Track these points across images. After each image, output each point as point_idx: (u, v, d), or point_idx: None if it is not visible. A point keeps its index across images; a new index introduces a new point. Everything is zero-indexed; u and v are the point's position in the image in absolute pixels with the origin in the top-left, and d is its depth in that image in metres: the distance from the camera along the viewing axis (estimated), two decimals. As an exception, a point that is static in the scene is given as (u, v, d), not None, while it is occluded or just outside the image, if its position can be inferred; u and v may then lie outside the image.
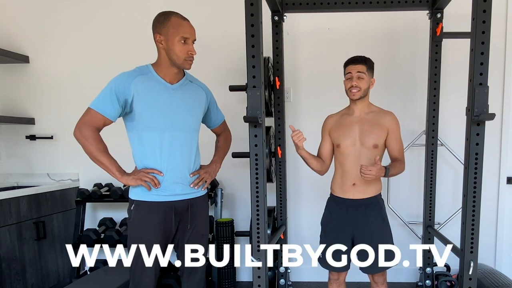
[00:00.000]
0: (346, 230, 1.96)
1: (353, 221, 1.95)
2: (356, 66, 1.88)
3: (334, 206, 2.02)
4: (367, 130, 1.91)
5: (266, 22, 2.06)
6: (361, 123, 1.93)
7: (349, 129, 1.94)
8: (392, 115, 1.96)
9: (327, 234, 2.03)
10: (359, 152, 1.91)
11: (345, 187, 1.96)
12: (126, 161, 1.78)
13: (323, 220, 2.08)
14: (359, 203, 1.94)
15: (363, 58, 1.91)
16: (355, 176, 1.91)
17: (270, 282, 2.74)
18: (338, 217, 1.99)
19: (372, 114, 1.95)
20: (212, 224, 2.84)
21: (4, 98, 3.09)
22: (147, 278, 1.74)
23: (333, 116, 2.06)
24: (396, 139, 1.94)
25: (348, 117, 1.97)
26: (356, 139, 1.92)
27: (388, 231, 1.99)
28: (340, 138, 1.95)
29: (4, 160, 3.16)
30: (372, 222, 1.94)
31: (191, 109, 1.79)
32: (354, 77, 1.87)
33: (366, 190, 1.94)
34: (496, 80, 2.76)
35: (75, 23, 2.99)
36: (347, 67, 1.92)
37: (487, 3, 1.65)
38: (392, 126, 1.92)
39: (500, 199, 2.91)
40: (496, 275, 2.50)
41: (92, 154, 1.64)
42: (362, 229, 1.94)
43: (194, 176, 1.82)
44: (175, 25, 1.64)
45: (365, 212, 1.94)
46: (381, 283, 2.02)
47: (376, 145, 1.90)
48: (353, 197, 1.94)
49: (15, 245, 2.55)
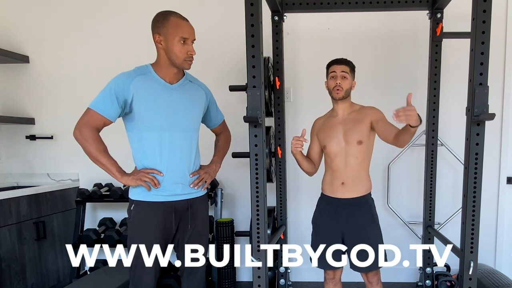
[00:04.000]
0: (336, 229, 1.98)
1: (343, 220, 1.96)
2: (340, 66, 1.93)
3: (324, 205, 2.04)
4: (350, 128, 1.94)
5: (266, 22, 2.06)
6: (344, 123, 1.97)
7: (334, 130, 1.98)
8: (373, 107, 1.98)
9: (317, 233, 2.06)
10: (345, 150, 1.94)
11: (334, 186, 1.98)
12: (126, 161, 1.78)
13: (314, 218, 2.10)
14: (348, 202, 1.96)
15: (347, 60, 1.96)
16: (344, 175, 1.95)
17: (270, 282, 2.74)
18: (328, 216, 2.01)
19: (354, 113, 1.98)
20: (212, 224, 2.84)
21: (4, 98, 3.10)
22: (147, 278, 1.74)
23: (320, 118, 2.11)
24: (385, 122, 1.88)
25: (332, 119, 2.02)
26: (340, 138, 1.95)
27: (378, 230, 1.99)
28: (326, 139, 1.99)
29: (4, 160, 3.16)
30: (361, 221, 1.95)
31: (191, 109, 1.79)
32: (339, 76, 1.91)
33: (355, 189, 1.96)
34: (496, 80, 2.76)
35: (75, 23, 2.99)
36: (331, 67, 1.96)
37: (487, 3, 1.65)
38: (373, 115, 1.92)
39: (500, 199, 2.91)
40: (496, 275, 2.50)
41: (92, 155, 1.64)
42: (351, 228, 1.95)
43: (194, 176, 1.82)
44: (174, 25, 1.64)
45: (354, 211, 1.95)
46: (376, 283, 2.02)
47: (360, 141, 1.92)
48: (342, 196, 1.96)
49: (15, 245, 2.55)
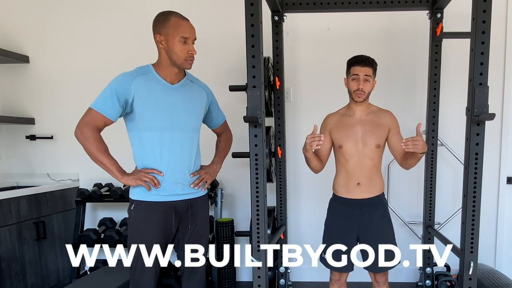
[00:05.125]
0: (352, 230, 1.96)
1: (358, 221, 1.95)
2: (364, 69, 1.85)
3: (338, 206, 2.02)
4: (369, 131, 1.91)
5: (266, 22, 2.06)
6: (362, 124, 1.93)
7: (351, 130, 1.93)
8: (391, 113, 1.98)
9: (331, 235, 2.02)
10: (362, 152, 1.92)
11: (350, 187, 1.96)
12: (127, 161, 1.78)
13: (327, 221, 2.07)
14: (364, 203, 1.94)
15: (370, 61, 1.88)
16: (359, 175, 1.93)
17: (270, 282, 2.74)
18: (342, 217, 1.98)
19: (372, 114, 1.96)
20: (212, 224, 2.84)
21: (4, 98, 3.09)
22: (147, 278, 1.74)
23: (333, 115, 2.04)
24: (398, 135, 1.95)
25: (349, 118, 1.97)
26: (358, 140, 1.92)
27: (392, 230, 2.00)
28: (343, 139, 1.94)
29: (4, 160, 3.16)
30: (377, 222, 1.95)
31: (192, 109, 1.79)
32: (361, 79, 1.86)
33: (371, 189, 1.95)
34: (496, 80, 2.76)
35: (75, 23, 2.99)
36: (354, 68, 1.88)
37: (487, 3, 1.65)
38: (392, 124, 1.95)
39: (500, 199, 2.91)
40: (496, 275, 2.50)
41: (93, 154, 1.64)
42: (367, 229, 1.94)
43: (194, 176, 1.82)
44: (174, 25, 1.64)
45: (370, 211, 1.94)
46: (383, 283, 2.02)
47: (378, 145, 1.92)
48: (357, 197, 1.94)
49: (15, 245, 2.55)
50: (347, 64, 1.94)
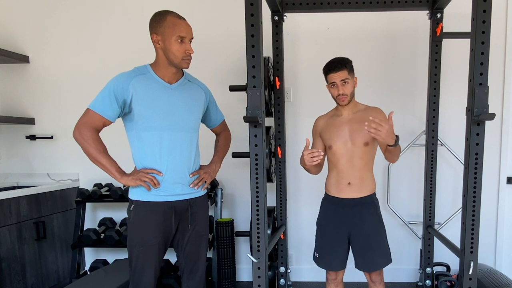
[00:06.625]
0: (342, 230, 1.98)
1: (349, 220, 1.96)
2: (338, 74, 1.84)
3: (330, 205, 2.03)
4: (357, 129, 1.92)
5: (266, 22, 2.06)
6: (350, 123, 1.94)
7: (339, 130, 1.95)
8: (378, 109, 1.96)
9: (323, 234, 2.04)
10: (351, 151, 1.93)
11: (341, 186, 1.97)
12: (126, 162, 1.78)
13: (319, 220, 2.08)
14: (355, 202, 1.95)
15: (343, 63, 1.86)
16: (350, 175, 1.94)
17: (270, 282, 2.74)
18: (333, 216, 2.00)
19: (359, 113, 1.96)
20: (212, 224, 2.84)
21: (4, 98, 3.10)
22: (147, 278, 1.74)
23: (322, 117, 2.07)
24: None
25: (337, 118, 1.99)
26: (347, 139, 1.93)
27: (383, 230, 2.00)
28: (332, 139, 1.96)
29: (4, 160, 3.16)
30: (368, 221, 1.95)
31: (190, 108, 1.79)
32: (339, 85, 1.87)
33: (361, 189, 1.95)
34: (496, 80, 2.76)
35: (75, 23, 2.99)
36: (329, 76, 1.88)
37: (487, 3, 1.65)
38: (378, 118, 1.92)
39: (500, 199, 2.91)
40: (496, 275, 2.50)
41: (92, 155, 1.64)
42: (358, 228, 1.95)
43: (194, 176, 1.82)
44: (171, 25, 1.64)
45: (361, 211, 1.95)
46: (379, 283, 2.02)
47: (366, 143, 1.92)
48: (348, 196, 1.95)
49: (15, 245, 2.55)
50: (323, 73, 1.93)
